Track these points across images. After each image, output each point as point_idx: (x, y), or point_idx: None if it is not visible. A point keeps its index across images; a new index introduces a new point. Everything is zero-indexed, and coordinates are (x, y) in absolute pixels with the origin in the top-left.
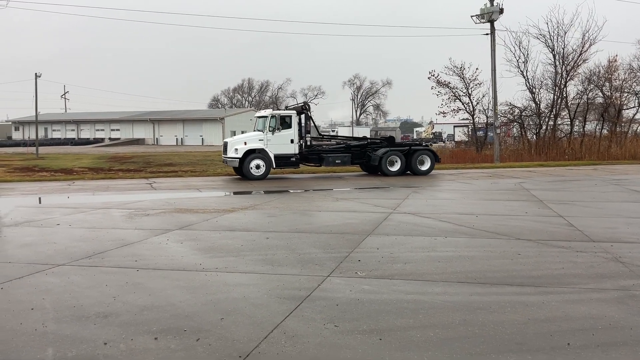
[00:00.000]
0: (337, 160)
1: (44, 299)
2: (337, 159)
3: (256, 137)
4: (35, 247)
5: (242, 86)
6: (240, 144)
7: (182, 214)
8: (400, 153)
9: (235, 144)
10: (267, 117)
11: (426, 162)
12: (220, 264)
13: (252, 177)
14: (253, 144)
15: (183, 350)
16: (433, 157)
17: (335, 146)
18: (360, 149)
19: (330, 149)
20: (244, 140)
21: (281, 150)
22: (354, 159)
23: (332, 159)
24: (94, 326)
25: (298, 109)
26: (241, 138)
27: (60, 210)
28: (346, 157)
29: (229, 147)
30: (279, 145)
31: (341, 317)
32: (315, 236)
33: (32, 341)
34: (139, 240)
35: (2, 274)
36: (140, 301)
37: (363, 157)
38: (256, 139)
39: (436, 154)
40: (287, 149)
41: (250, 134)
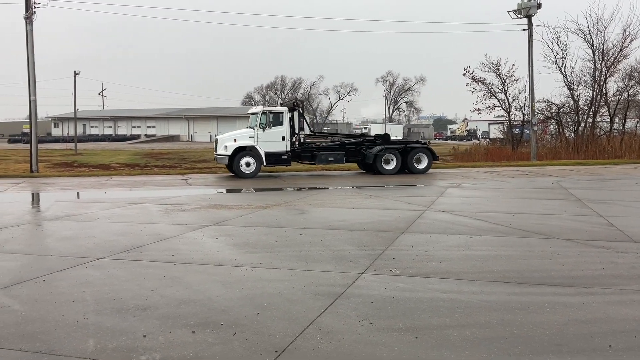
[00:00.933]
0: (330, 158)
1: (85, 292)
2: (330, 156)
3: (246, 134)
4: (75, 241)
5: (274, 83)
6: (230, 141)
7: (216, 209)
8: (396, 151)
9: (225, 141)
10: (258, 113)
11: (423, 160)
12: (254, 259)
13: (243, 175)
14: (243, 141)
15: (220, 344)
16: (431, 156)
17: (330, 144)
18: (356, 147)
19: (324, 147)
20: (234, 137)
21: (272, 147)
22: (349, 157)
23: (324, 156)
24: (133, 319)
25: (290, 106)
26: (231, 135)
27: (99, 205)
28: (339, 155)
29: (219, 144)
30: (270, 142)
31: (376, 315)
32: (349, 233)
33: (74, 332)
34: (176, 235)
35: (44, 266)
36: (178, 295)
37: (358, 155)
38: (246, 136)
39: (434, 153)
40: (279, 146)
41: (241, 131)
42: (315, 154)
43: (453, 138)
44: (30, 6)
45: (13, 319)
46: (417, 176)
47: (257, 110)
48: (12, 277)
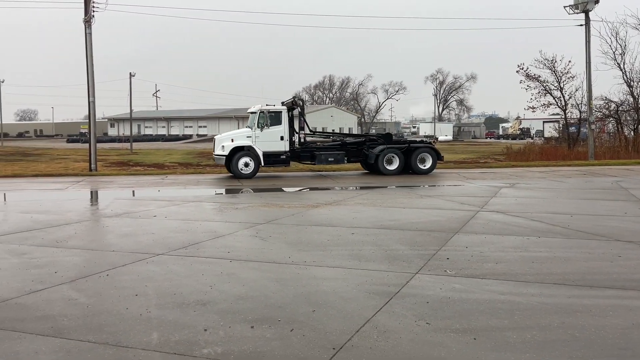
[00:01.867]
0: (330, 159)
1: (147, 286)
2: (330, 156)
3: (244, 133)
4: (135, 237)
5: (323, 83)
6: (227, 141)
7: (268, 208)
8: (399, 151)
9: (222, 141)
10: (256, 113)
11: (427, 160)
12: (308, 257)
13: (241, 175)
14: (240, 141)
15: (278, 340)
16: (435, 156)
17: (331, 143)
18: (357, 147)
19: (324, 147)
20: (231, 137)
21: (270, 147)
22: (350, 156)
23: (324, 156)
24: (194, 313)
25: (289, 105)
26: (229, 135)
27: (156, 203)
28: (340, 155)
29: (216, 144)
30: (268, 142)
31: (432, 315)
32: (401, 233)
33: (138, 325)
34: (230, 233)
35: (107, 261)
36: (235, 291)
37: (360, 155)
38: (244, 135)
39: (438, 152)
40: (277, 146)
41: (238, 131)
42: (315, 154)
43: (505, 137)
44: (89, 10)
45: (80, 311)
46: (466, 176)
47: (255, 110)
48: (77, 272)
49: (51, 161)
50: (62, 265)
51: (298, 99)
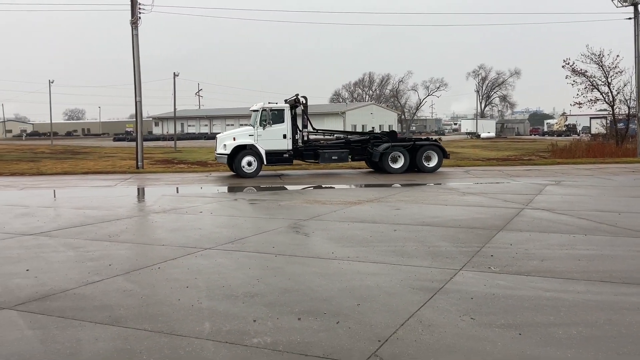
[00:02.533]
0: (334, 157)
1: (197, 279)
2: (334, 155)
3: (246, 132)
4: (183, 232)
5: (362, 80)
6: (229, 140)
7: (311, 204)
8: (404, 149)
9: (224, 140)
10: (259, 111)
11: (433, 158)
12: (351, 253)
13: (245, 174)
14: (242, 140)
15: (325, 331)
16: (441, 153)
17: (334, 142)
18: (361, 145)
19: (328, 145)
20: (233, 136)
21: (273, 146)
22: (354, 155)
23: (328, 155)
24: (243, 304)
25: (292, 103)
26: (231, 133)
27: (201, 200)
28: (344, 153)
29: (218, 142)
30: (270, 140)
31: (477, 310)
32: (444, 230)
33: (190, 315)
34: (274, 229)
35: (158, 255)
36: (282, 284)
37: (364, 153)
38: (246, 134)
39: (444, 150)
40: (280, 144)
41: (240, 129)
42: (319, 152)
43: (550, 133)
44: (136, 12)
45: (135, 301)
46: (509, 174)
47: (257, 108)
48: (130, 265)
49: (99, 159)
50: (116, 258)
51: (301, 97)
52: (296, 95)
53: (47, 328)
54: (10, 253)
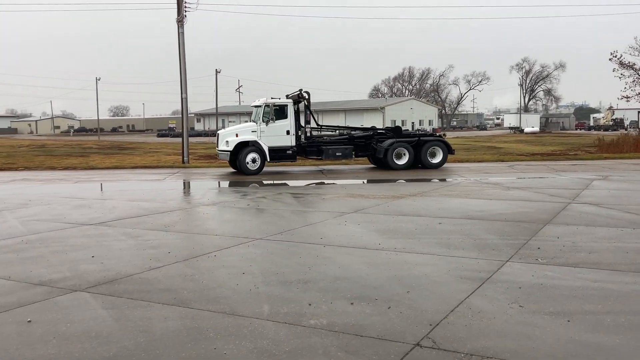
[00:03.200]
0: (338, 153)
1: (251, 266)
2: (338, 151)
3: (249, 128)
4: (234, 223)
5: (402, 75)
6: (231, 136)
7: (354, 198)
8: (408, 145)
9: (227, 136)
10: (261, 106)
11: (438, 154)
12: (397, 244)
13: (249, 172)
14: (245, 136)
15: (377, 315)
16: (446, 149)
17: (338, 137)
18: (365, 141)
19: (332, 141)
20: (236, 132)
21: (276, 142)
22: (358, 151)
23: (332, 151)
24: (297, 290)
25: (295, 98)
26: (233, 129)
27: (247, 193)
28: (348, 150)
29: (220, 139)
30: (273, 137)
31: (525, 299)
32: (489, 223)
33: (249, 299)
34: (321, 221)
35: (212, 244)
36: (332, 272)
37: (368, 149)
38: (249, 130)
39: (449, 146)
40: (283, 141)
41: (243, 125)
42: (322, 148)
43: (597, 128)
44: (182, 10)
45: (197, 285)
46: (555, 168)
47: (259, 103)
48: (188, 252)
49: (145, 154)
50: (174, 247)
51: (304, 92)
52: (300, 91)
53: (118, 308)
54: (74, 241)
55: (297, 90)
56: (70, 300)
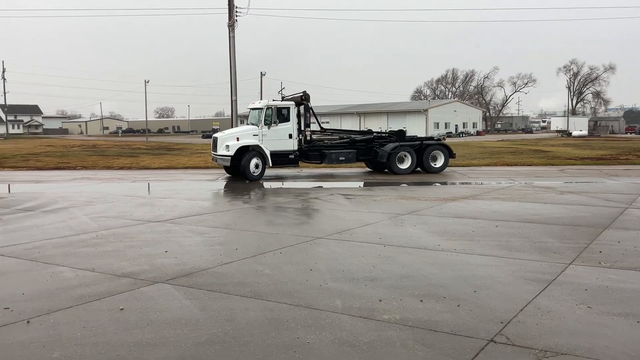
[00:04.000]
0: (341, 157)
1: (317, 263)
2: (341, 155)
3: (250, 131)
4: (292, 223)
5: (445, 77)
6: (231, 140)
7: (406, 200)
8: (411, 149)
9: (226, 140)
10: (263, 109)
11: (439, 158)
12: (456, 246)
13: (252, 177)
14: (247, 140)
15: (448, 312)
16: (447, 153)
17: (339, 141)
18: (366, 144)
19: (333, 145)
20: (236, 136)
21: (278, 146)
22: (359, 155)
23: (335, 155)
24: (365, 287)
25: (297, 100)
26: (232, 133)
27: (298, 194)
28: (351, 154)
29: (219, 143)
30: (275, 140)
31: (592, 300)
32: (547, 227)
33: (320, 294)
34: (377, 222)
35: (276, 241)
36: (397, 271)
37: (369, 153)
38: (250, 134)
39: (451, 150)
40: (285, 145)
41: (243, 129)
42: (325, 152)
43: None
44: (233, 15)
45: (269, 280)
46: (608, 173)
47: (260, 105)
48: (254, 249)
49: (192, 155)
50: (240, 243)
51: (305, 94)
52: (303, 92)
53: (201, 299)
54: (145, 237)
55: (299, 92)
56: (155, 291)
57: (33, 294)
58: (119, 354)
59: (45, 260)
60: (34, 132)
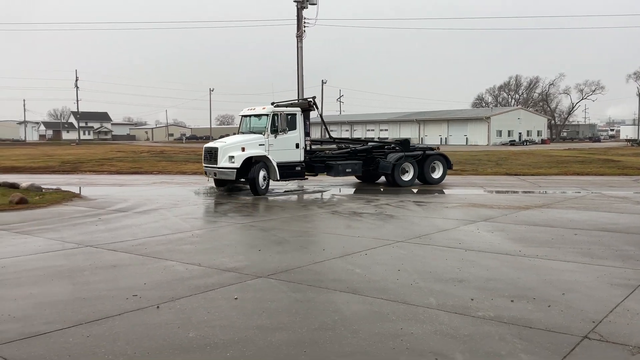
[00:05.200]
0: (348, 169)
1: (403, 264)
2: (348, 167)
3: (255, 141)
4: (370, 227)
5: (508, 83)
6: (236, 150)
7: (477, 208)
8: (414, 159)
9: (230, 150)
10: (268, 115)
11: (438, 169)
12: (538, 252)
13: (261, 191)
14: (253, 150)
15: (540, 312)
16: (445, 164)
17: (339, 151)
18: (367, 155)
19: (335, 155)
20: (241, 145)
21: (285, 157)
22: (365, 165)
23: (342, 167)
24: (455, 287)
25: (305, 106)
26: (236, 143)
27: (368, 200)
28: (357, 165)
29: (221, 154)
30: (282, 151)
31: None
32: (627, 236)
33: (413, 291)
34: (453, 228)
35: (359, 244)
36: (482, 274)
37: (372, 163)
38: (255, 143)
39: (449, 160)
40: (292, 155)
41: (247, 138)
42: (330, 164)
43: None
44: (301, 26)
45: (360, 278)
46: None
47: (265, 112)
48: (341, 250)
49: None
50: (325, 245)
51: (314, 100)
52: (313, 98)
53: (304, 292)
54: (235, 237)
55: (306, 98)
56: (261, 284)
57: (153, 284)
58: (246, 335)
59: (154, 255)
60: (104, 138)
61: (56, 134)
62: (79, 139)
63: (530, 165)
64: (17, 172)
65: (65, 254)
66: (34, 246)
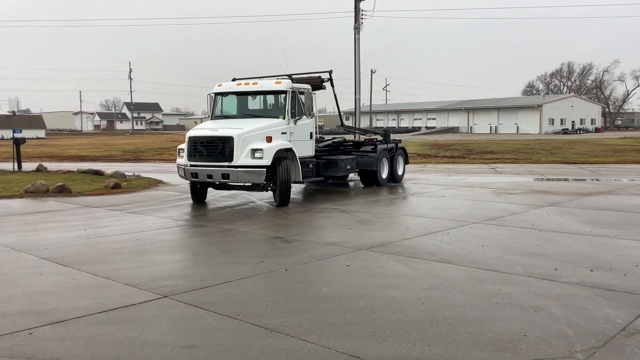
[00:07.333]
0: (348, 166)
1: (485, 241)
2: (348, 164)
3: (278, 128)
4: (443, 210)
5: (560, 70)
6: (259, 142)
7: (541, 194)
8: (388, 153)
9: (251, 141)
10: (287, 92)
11: (399, 164)
12: (607, 232)
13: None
14: (280, 142)
15: (617, 279)
16: (404, 159)
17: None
18: (353, 149)
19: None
20: (266, 134)
21: (301, 150)
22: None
23: (344, 164)
24: (537, 259)
25: (316, 82)
26: (256, 130)
27: (435, 187)
28: (353, 161)
29: (239, 146)
30: (300, 142)
31: None
32: None
33: (500, 263)
34: (522, 212)
35: (438, 225)
36: (560, 249)
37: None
38: (278, 131)
39: (407, 154)
40: (306, 148)
41: (266, 124)
42: (330, 159)
43: None
44: (359, 18)
45: (449, 252)
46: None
47: (282, 87)
48: (423, 229)
49: None
50: (408, 225)
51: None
52: (329, 72)
53: (404, 262)
54: (322, 222)
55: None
56: (364, 255)
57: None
58: (369, 292)
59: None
60: (155, 128)
61: (110, 124)
62: (132, 129)
63: (585, 154)
64: (85, 160)
65: (181, 229)
66: (151, 224)
